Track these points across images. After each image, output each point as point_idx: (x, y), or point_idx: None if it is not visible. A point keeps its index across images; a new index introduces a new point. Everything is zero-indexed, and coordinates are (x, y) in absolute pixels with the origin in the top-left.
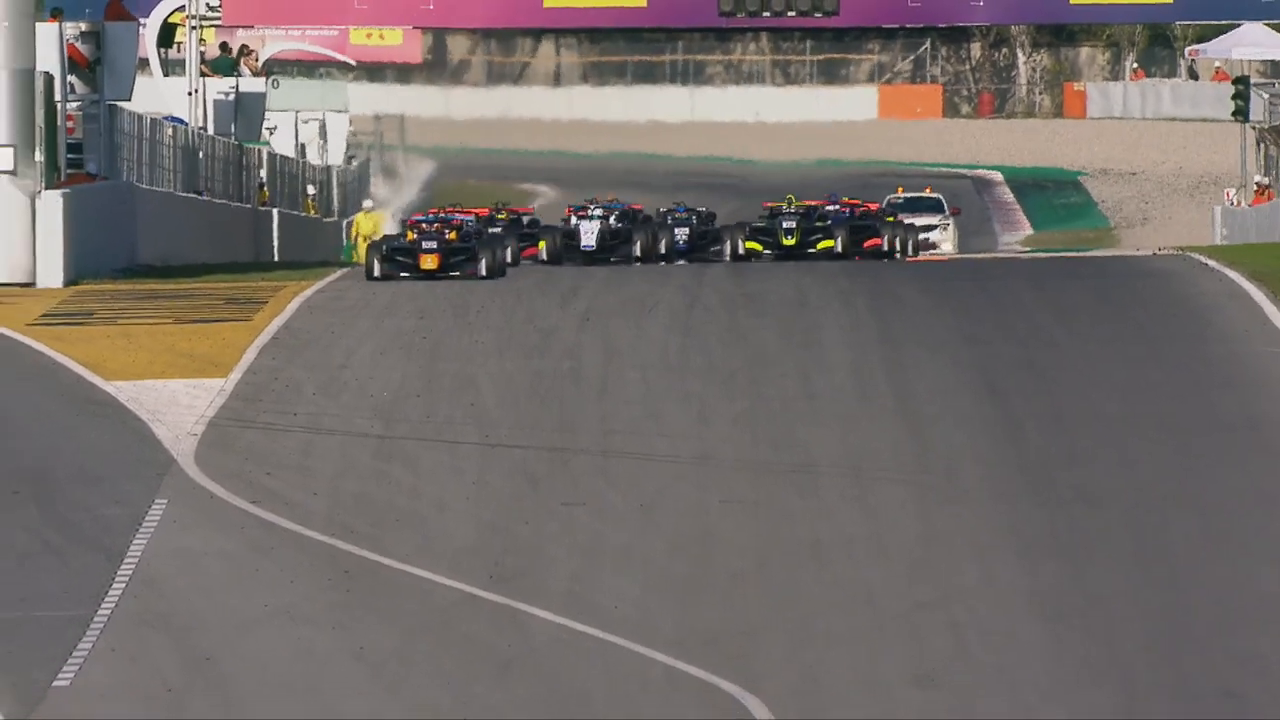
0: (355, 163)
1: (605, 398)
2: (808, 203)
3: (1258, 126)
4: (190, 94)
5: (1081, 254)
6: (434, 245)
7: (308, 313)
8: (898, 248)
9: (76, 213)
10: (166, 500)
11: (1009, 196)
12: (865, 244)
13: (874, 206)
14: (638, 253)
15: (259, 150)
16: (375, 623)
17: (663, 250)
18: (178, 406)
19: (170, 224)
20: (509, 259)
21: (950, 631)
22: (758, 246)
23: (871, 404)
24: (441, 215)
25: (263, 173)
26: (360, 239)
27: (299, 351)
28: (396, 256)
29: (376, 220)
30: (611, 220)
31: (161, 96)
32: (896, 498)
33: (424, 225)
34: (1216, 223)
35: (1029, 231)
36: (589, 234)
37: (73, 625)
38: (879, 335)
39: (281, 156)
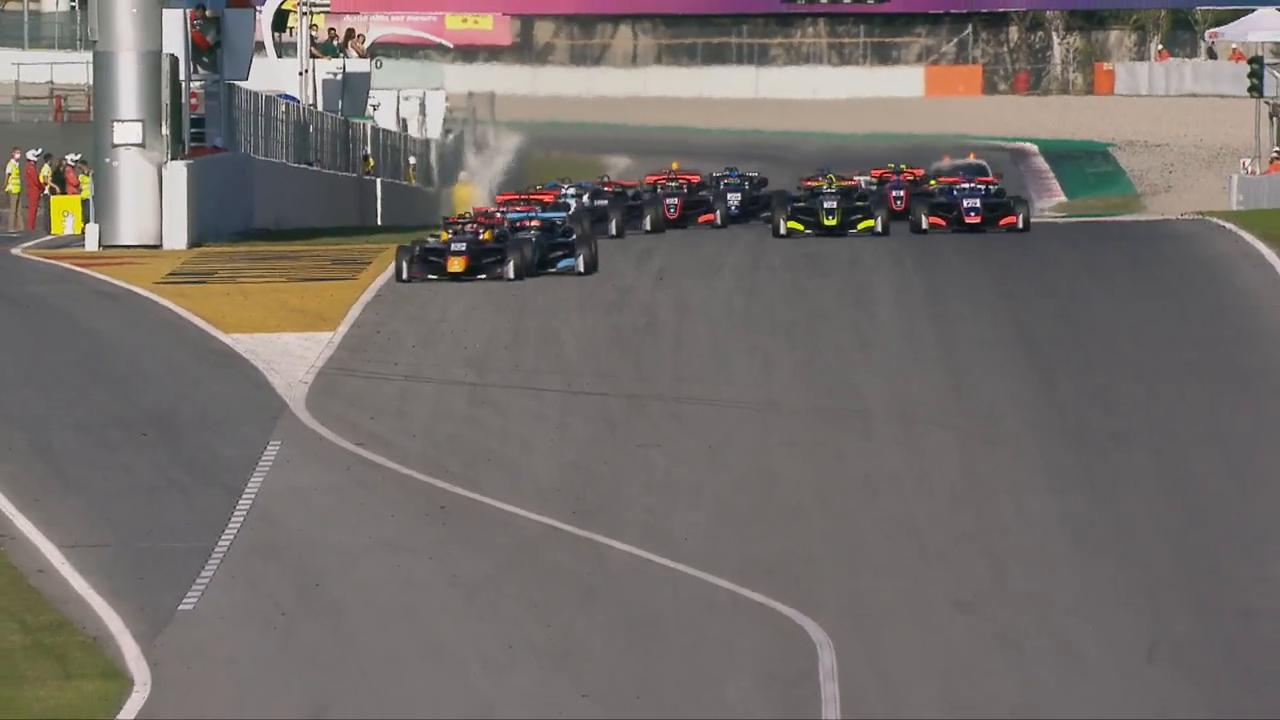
0: (451, 136)
1: (678, 349)
2: (846, 181)
3: (1271, 102)
4: (301, 74)
5: (1111, 219)
6: (463, 247)
7: None
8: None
9: (199, 181)
10: (280, 442)
11: (1044, 166)
12: (1001, 221)
13: (919, 172)
14: (613, 231)
15: (364, 125)
16: (468, 553)
17: (718, 220)
18: (290, 357)
19: (283, 192)
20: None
21: (989, 560)
22: (799, 226)
23: (918, 355)
24: (482, 212)
25: (367, 145)
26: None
27: (399, 307)
28: (428, 257)
29: (473, 191)
30: (585, 200)
31: (275, 76)
32: (941, 440)
33: (459, 226)
34: (1233, 190)
35: (1062, 198)
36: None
37: (196, 555)
38: (925, 292)
39: (384, 130)
